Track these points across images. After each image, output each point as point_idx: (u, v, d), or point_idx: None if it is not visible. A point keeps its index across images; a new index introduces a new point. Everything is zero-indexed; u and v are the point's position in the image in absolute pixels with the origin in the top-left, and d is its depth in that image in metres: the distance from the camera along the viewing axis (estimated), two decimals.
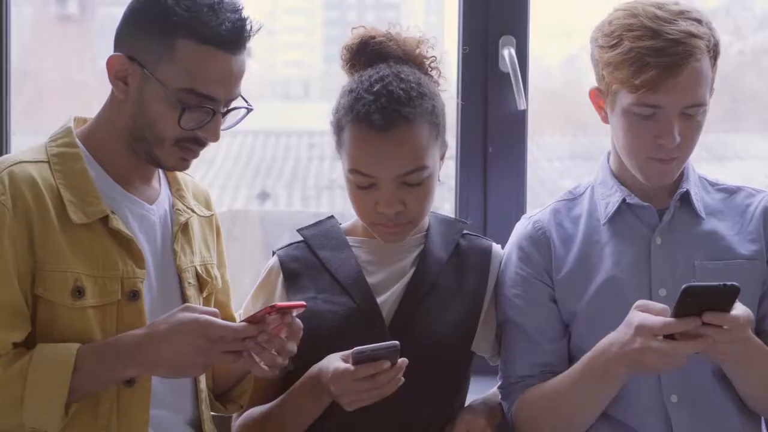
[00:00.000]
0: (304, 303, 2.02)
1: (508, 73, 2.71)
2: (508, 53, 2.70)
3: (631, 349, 1.98)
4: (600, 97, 2.18)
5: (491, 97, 2.75)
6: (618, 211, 2.21)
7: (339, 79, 2.26)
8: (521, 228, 2.28)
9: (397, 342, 1.99)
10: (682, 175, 2.22)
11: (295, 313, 1.99)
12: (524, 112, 2.74)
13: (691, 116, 2.11)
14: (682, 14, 2.10)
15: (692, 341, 1.94)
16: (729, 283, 1.90)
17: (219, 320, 1.94)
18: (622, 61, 2.09)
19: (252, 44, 2.08)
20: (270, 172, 4.86)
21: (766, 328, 2.19)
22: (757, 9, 4.37)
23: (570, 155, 4.31)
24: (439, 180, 2.21)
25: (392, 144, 2.10)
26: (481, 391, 2.33)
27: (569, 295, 2.20)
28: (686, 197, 2.20)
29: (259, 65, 5.98)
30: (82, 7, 6.26)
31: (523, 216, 2.31)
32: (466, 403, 2.28)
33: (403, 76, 2.14)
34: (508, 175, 2.76)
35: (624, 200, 2.20)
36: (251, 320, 1.95)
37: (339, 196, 4.48)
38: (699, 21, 2.10)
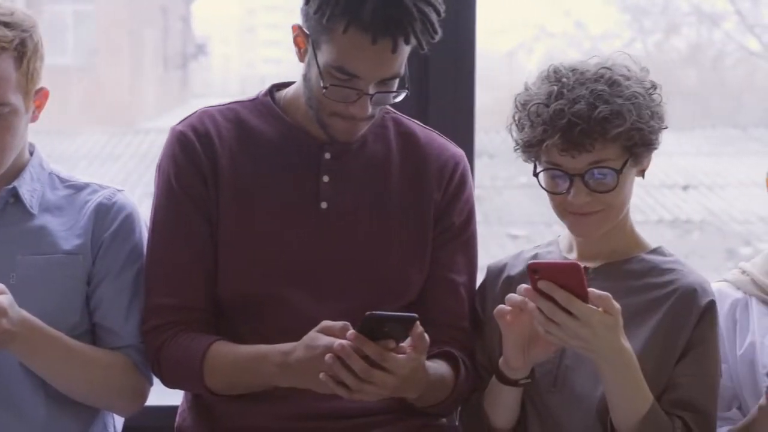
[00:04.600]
0: None
1: None
2: None
3: None
4: None
5: None
6: None
7: None
8: None
9: None
10: (17, 173, 2.24)
11: None
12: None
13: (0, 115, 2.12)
14: None
15: None
16: None
17: None
18: None
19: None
20: None
21: (96, 320, 2.26)
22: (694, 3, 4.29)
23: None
24: None
25: None
26: None
27: None
28: (17, 193, 2.23)
29: (238, 63, 6.25)
30: (29, 4, 6.67)
31: None
32: None
33: None
34: None
35: None
36: None
37: None
38: (5, 24, 2.13)
